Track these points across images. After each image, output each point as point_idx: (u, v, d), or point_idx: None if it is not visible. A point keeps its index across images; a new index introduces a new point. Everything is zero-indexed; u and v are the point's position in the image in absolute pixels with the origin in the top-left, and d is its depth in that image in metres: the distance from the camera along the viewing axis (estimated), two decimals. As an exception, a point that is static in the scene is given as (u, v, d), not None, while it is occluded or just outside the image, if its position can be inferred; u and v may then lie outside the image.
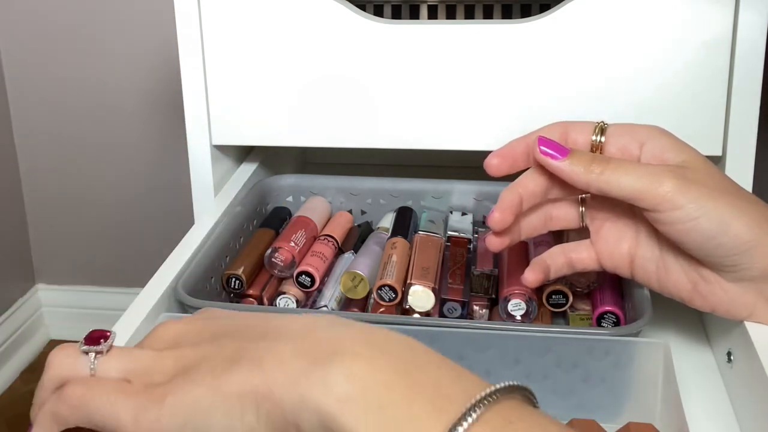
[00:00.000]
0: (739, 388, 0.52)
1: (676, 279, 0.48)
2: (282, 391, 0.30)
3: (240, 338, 0.33)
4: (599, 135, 0.50)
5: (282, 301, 0.65)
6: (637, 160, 0.48)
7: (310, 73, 0.70)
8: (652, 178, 0.44)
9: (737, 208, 0.44)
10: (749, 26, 0.64)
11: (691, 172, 0.46)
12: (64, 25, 1.42)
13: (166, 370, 0.33)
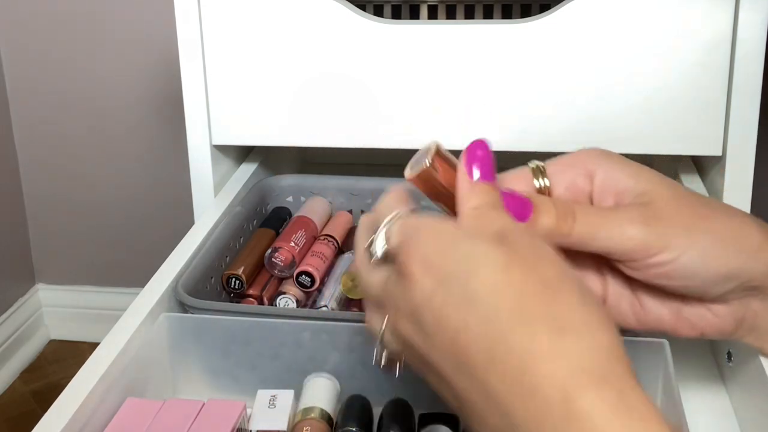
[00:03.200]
0: (739, 388, 0.52)
1: (656, 314, 0.43)
2: None
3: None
4: (541, 178, 0.42)
5: (282, 301, 0.65)
6: (589, 195, 0.42)
7: (310, 73, 0.70)
8: (621, 227, 0.39)
9: (715, 235, 0.40)
10: (749, 26, 0.64)
11: (654, 207, 0.40)
12: (65, 25, 1.42)
13: None
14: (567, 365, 0.29)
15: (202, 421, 0.47)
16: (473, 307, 0.32)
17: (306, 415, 0.49)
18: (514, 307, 0.31)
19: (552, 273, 0.33)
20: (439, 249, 0.34)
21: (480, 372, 0.31)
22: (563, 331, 0.30)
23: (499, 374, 0.31)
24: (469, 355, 0.32)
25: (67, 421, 0.44)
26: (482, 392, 0.31)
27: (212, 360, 0.55)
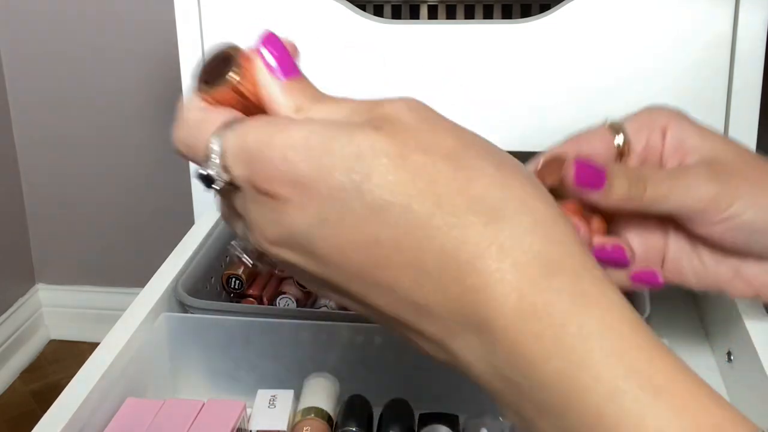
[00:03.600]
0: (739, 388, 0.52)
1: (714, 271, 0.43)
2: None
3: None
4: (620, 136, 0.44)
5: (282, 301, 0.65)
6: (660, 154, 0.44)
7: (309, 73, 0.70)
8: (691, 188, 0.40)
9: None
10: (749, 26, 0.64)
11: (721, 164, 0.42)
12: (65, 25, 1.42)
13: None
14: (512, 258, 0.26)
15: (202, 421, 0.47)
16: (379, 218, 0.26)
17: (306, 415, 0.49)
18: (429, 203, 0.26)
19: (452, 144, 0.28)
20: (308, 161, 0.27)
21: (405, 287, 0.27)
22: (495, 216, 0.26)
23: (434, 285, 0.26)
24: (390, 274, 0.27)
25: (67, 421, 0.44)
26: (410, 306, 0.27)
27: (212, 360, 0.55)
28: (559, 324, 0.25)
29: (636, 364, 0.25)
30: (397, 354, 0.52)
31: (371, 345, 0.52)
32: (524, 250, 0.26)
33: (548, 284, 0.26)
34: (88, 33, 1.42)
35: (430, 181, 0.27)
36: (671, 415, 0.24)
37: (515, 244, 0.26)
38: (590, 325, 0.25)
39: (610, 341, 0.25)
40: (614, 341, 0.25)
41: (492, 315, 0.26)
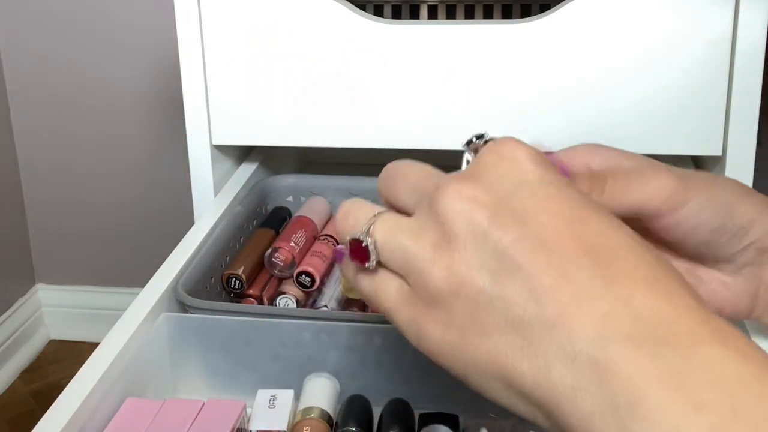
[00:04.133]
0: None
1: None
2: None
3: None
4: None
5: (282, 301, 0.65)
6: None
7: (310, 73, 0.70)
8: (650, 180, 0.41)
9: (737, 190, 0.42)
10: (749, 26, 0.64)
11: (678, 168, 0.43)
12: (65, 25, 1.42)
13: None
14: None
15: (202, 421, 0.47)
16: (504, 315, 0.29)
17: (306, 415, 0.49)
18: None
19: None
20: (476, 182, 0.31)
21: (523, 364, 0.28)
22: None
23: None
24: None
25: (67, 421, 0.44)
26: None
27: (212, 360, 0.55)
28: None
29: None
30: (397, 354, 0.52)
31: (371, 345, 0.52)
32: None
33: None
34: (88, 33, 1.42)
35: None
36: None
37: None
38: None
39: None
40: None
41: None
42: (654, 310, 0.27)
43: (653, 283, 0.28)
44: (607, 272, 0.28)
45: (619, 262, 0.28)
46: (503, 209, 0.30)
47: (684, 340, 0.26)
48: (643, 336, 0.26)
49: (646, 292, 0.27)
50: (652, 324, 0.26)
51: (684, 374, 0.25)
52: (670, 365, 0.25)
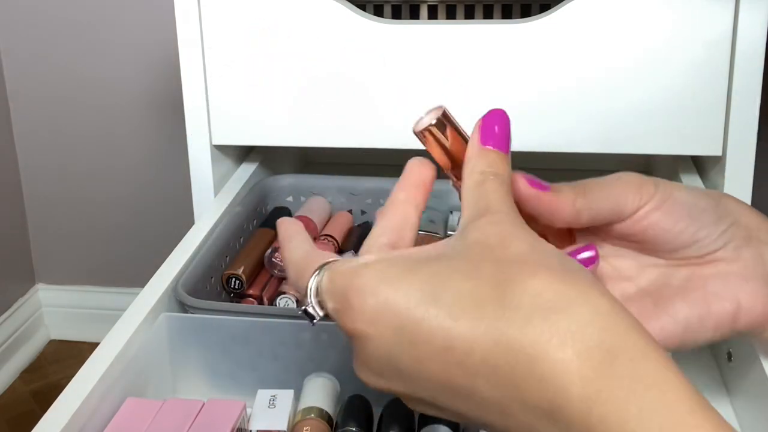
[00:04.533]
0: (739, 388, 0.52)
1: (682, 299, 0.42)
2: None
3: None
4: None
5: (282, 301, 0.65)
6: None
7: (310, 73, 0.70)
8: (621, 177, 0.42)
9: (695, 190, 0.43)
10: (749, 26, 0.64)
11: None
12: (65, 26, 1.42)
13: None
14: (573, 348, 0.28)
15: (202, 421, 0.47)
16: (450, 326, 0.30)
17: (306, 415, 0.49)
18: (495, 304, 0.29)
19: (523, 249, 0.31)
20: (386, 295, 0.31)
21: (482, 390, 0.30)
22: (554, 309, 0.29)
23: (507, 380, 0.29)
24: (467, 380, 0.30)
25: (67, 421, 0.44)
26: (492, 407, 0.30)
27: (212, 360, 0.55)
28: (622, 406, 0.27)
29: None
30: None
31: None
32: (584, 340, 0.28)
33: (609, 371, 0.27)
34: (88, 33, 1.42)
35: (493, 283, 0.30)
36: None
37: (574, 336, 0.28)
38: (650, 406, 0.27)
39: (670, 420, 0.26)
40: (673, 420, 0.26)
41: (562, 402, 0.28)
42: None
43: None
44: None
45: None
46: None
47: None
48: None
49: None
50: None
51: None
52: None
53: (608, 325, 0.29)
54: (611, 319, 0.29)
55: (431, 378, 0.31)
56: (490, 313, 0.29)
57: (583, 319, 0.28)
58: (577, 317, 0.29)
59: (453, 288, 0.30)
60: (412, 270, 0.32)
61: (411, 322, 0.31)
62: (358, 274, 0.33)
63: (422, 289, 0.31)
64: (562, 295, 0.29)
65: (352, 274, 0.33)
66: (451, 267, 0.31)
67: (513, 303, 0.29)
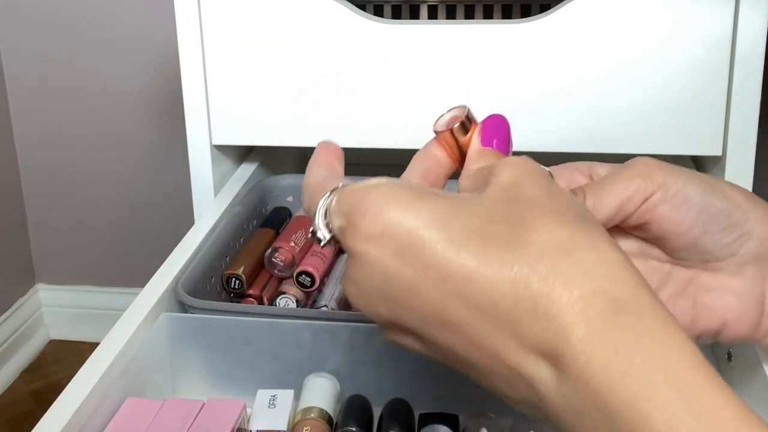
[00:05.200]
0: (739, 388, 0.52)
1: (672, 306, 0.41)
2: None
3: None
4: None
5: (282, 301, 0.65)
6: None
7: (310, 73, 0.70)
8: (626, 167, 0.40)
9: (715, 177, 0.42)
10: (749, 26, 0.64)
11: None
12: (65, 25, 1.42)
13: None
14: (579, 291, 0.27)
15: (202, 421, 0.47)
16: (451, 255, 0.29)
17: (306, 415, 0.49)
18: (501, 240, 0.28)
19: (537, 192, 0.30)
20: (398, 209, 0.30)
21: (477, 323, 0.29)
22: (562, 251, 0.28)
23: (507, 315, 0.28)
24: (462, 310, 0.29)
25: (67, 421, 0.44)
26: (485, 344, 0.29)
27: (212, 360, 0.55)
28: (624, 355, 0.26)
29: (697, 399, 0.25)
30: (397, 354, 0.52)
31: (371, 345, 0.52)
32: (590, 286, 0.27)
33: (614, 319, 0.27)
34: (87, 33, 1.42)
35: (504, 220, 0.29)
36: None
37: (581, 279, 0.27)
38: (654, 359, 0.26)
39: (673, 375, 0.26)
40: (677, 376, 0.26)
41: (562, 344, 0.27)
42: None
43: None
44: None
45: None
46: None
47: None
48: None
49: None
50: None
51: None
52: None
53: (616, 275, 0.28)
54: (620, 270, 0.28)
55: (424, 306, 0.30)
56: (498, 247, 0.28)
57: (591, 265, 0.28)
58: (585, 262, 0.28)
59: (462, 220, 0.29)
60: (423, 198, 0.31)
61: (414, 244, 0.29)
62: (368, 193, 0.31)
63: (432, 215, 0.30)
64: (573, 238, 0.28)
65: (361, 193, 0.32)
66: (463, 201, 0.30)
67: (521, 240, 0.28)
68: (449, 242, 0.29)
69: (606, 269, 0.28)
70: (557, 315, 0.27)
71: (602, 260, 0.28)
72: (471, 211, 0.30)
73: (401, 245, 0.30)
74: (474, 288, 0.28)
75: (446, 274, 0.29)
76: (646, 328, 0.27)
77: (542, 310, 0.27)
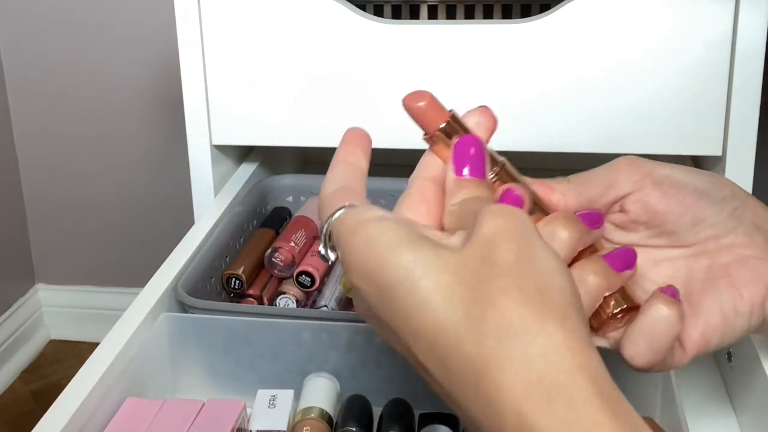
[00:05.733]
0: (739, 388, 0.52)
1: (711, 291, 0.41)
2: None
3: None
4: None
5: (282, 301, 0.65)
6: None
7: (310, 73, 0.70)
8: (611, 164, 0.42)
9: (700, 170, 0.43)
10: (749, 26, 0.64)
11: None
12: (65, 25, 1.42)
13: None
14: (519, 377, 0.28)
15: (202, 421, 0.47)
16: (420, 313, 0.31)
17: (306, 415, 0.49)
18: (461, 310, 0.30)
19: (509, 258, 0.31)
20: (378, 257, 0.32)
21: (439, 378, 0.31)
22: (510, 334, 0.29)
23: (458, 378, 0.30)
24: (427, 362, 0.31)
25: (67, 421, 0.44)
26: (446, 394, 0.31)
27: (212, 360, 0.55)
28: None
29: None
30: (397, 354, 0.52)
31: (371, 345, 0.52)
32: (530, 373, 0.28)
33: (548, 407, 0.27)
34: (87, 33, 1.42)
35: (469, 285, 0.30)
36: None
37: (523, 365, 0.28)
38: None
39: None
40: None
41: (498, 424, 0.28)
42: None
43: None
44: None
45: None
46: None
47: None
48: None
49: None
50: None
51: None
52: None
53: (558, 361, 0.28)
54: (561, 354, 0.28)
55: (401, 346, 0.33)
56: (458, 318, 0.30)
57: (536, 350, 0.28)
58: (531, 347, 0.28)
59: (434, 277, 0.31)
60: (403, 248, 0.32)
61: (388, 296, 0.31)
62: (356, 232, 0.33)
63: (405, 271, 0.31)
64: (524, 321, 0.29)
65: (351, 228, 0.33)
66: (439, 255, 0.31)
67: (476, 314, 0.29)
68: (418, 304, 0.30)
69: (550, 354, 0.28)
70: (494, 400, 0.28)
71: (549, 344, 0.28)
72: (444, 267, 0.31)
73: (379, 292, 0.32)
74: (438, 350, 0.30)
75: (415, 332, 0.31)
76: (574, 418, 0.27)
77: (483, 391, 0.29)
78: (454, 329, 0.30)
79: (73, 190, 1.55)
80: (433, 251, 0.31)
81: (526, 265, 0.31)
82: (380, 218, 0.33)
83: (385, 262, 0.31)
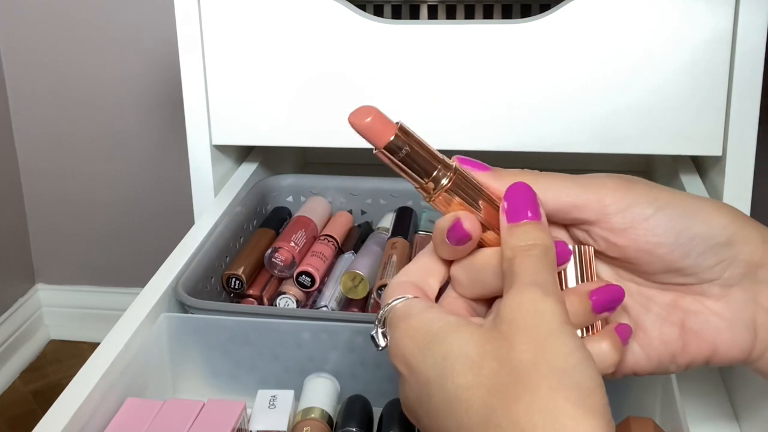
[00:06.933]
0: (738, 388, 0.52)
1: (659, 334, 0.39)
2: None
3: None
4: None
5: (282, 301, 0.65)
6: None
7: (310, 73, 0.70)
8: (590, 180, 0.38)
9: (698, 198, 0.39)
10: (749, 26, 0.64)
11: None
12: (65, 25, 1.42)
13: None
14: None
15: (202, 421, 0.47)
16: (449, 412, 0.33)
17: (306, 416, 0.49)
18: (483, 411, 0.32)
19: (527, 357, 0.32)
20: (417, 351, 0.35)
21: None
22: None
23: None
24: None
25: (67, 421, 0.44)
26: None
27: (212, 360, 0.55)
28: None
29: None
30: (397, 354, 0.52)
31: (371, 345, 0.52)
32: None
33: None
34: (88, 33, 1.42)
35: (487, 388, 0.32)
36: None
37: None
38: None
39: None
40: None
41: None
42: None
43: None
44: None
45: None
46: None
47: None
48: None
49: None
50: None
51: None
52: None
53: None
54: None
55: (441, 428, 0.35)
56: (475, 423, 0.32)
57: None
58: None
59: (458, 377, 0.33)
60: (433, 346, 0.34)
61: (423, 393, 0.35)
62: (397, 326, 0.36)
63: (434, 369, 0.34)
64: (535, 426, 0.30)
65: (395, 322, 0.37)
66: (465, 353, 0.33)
67: (493, 421, 0.31)
68: (443, 403, 0.33)
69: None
70: None
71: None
72: (468, 364, 0.33)
73: (417, 386, 0.35)
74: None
75: (443, 429, 0.34)
76: None
77: None
78: (476, 426, 0.32)
79: (73, 190, 1.55)
80: (462, 347, 0.33)
81: (543, 361, 0.32)
82: (420, 314, 0.36)
83: (421, 361, 0.35)
